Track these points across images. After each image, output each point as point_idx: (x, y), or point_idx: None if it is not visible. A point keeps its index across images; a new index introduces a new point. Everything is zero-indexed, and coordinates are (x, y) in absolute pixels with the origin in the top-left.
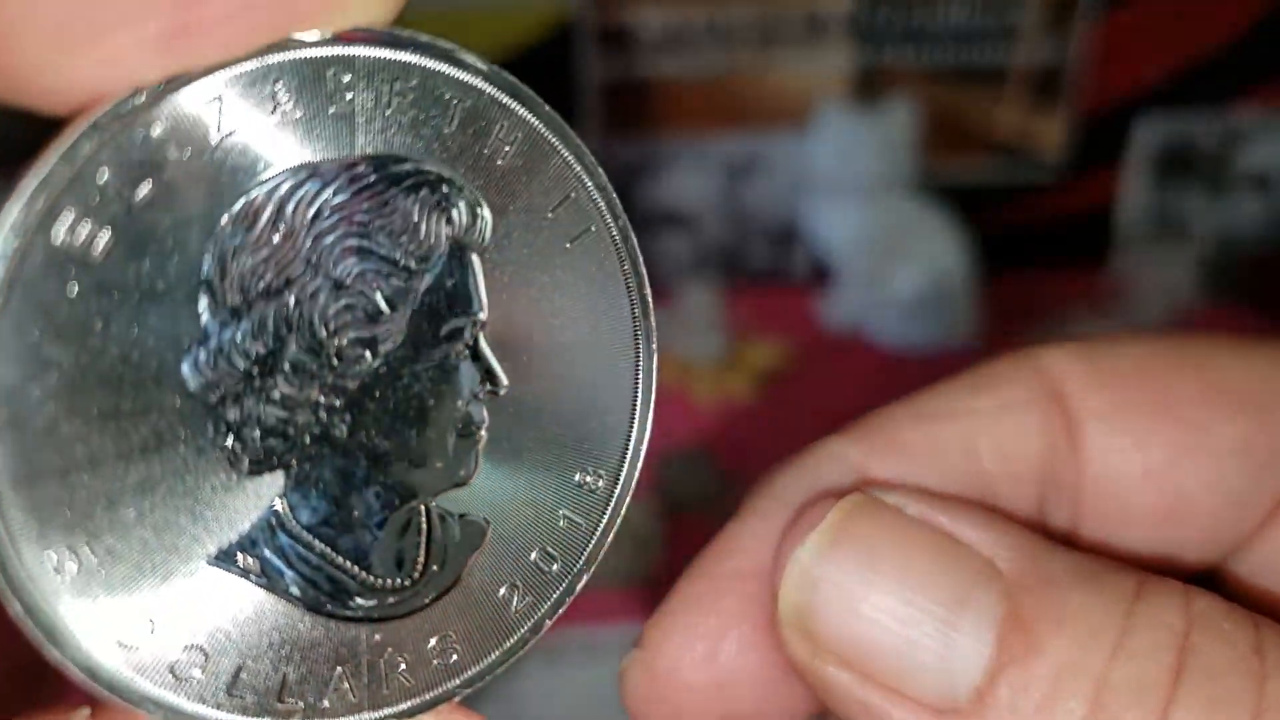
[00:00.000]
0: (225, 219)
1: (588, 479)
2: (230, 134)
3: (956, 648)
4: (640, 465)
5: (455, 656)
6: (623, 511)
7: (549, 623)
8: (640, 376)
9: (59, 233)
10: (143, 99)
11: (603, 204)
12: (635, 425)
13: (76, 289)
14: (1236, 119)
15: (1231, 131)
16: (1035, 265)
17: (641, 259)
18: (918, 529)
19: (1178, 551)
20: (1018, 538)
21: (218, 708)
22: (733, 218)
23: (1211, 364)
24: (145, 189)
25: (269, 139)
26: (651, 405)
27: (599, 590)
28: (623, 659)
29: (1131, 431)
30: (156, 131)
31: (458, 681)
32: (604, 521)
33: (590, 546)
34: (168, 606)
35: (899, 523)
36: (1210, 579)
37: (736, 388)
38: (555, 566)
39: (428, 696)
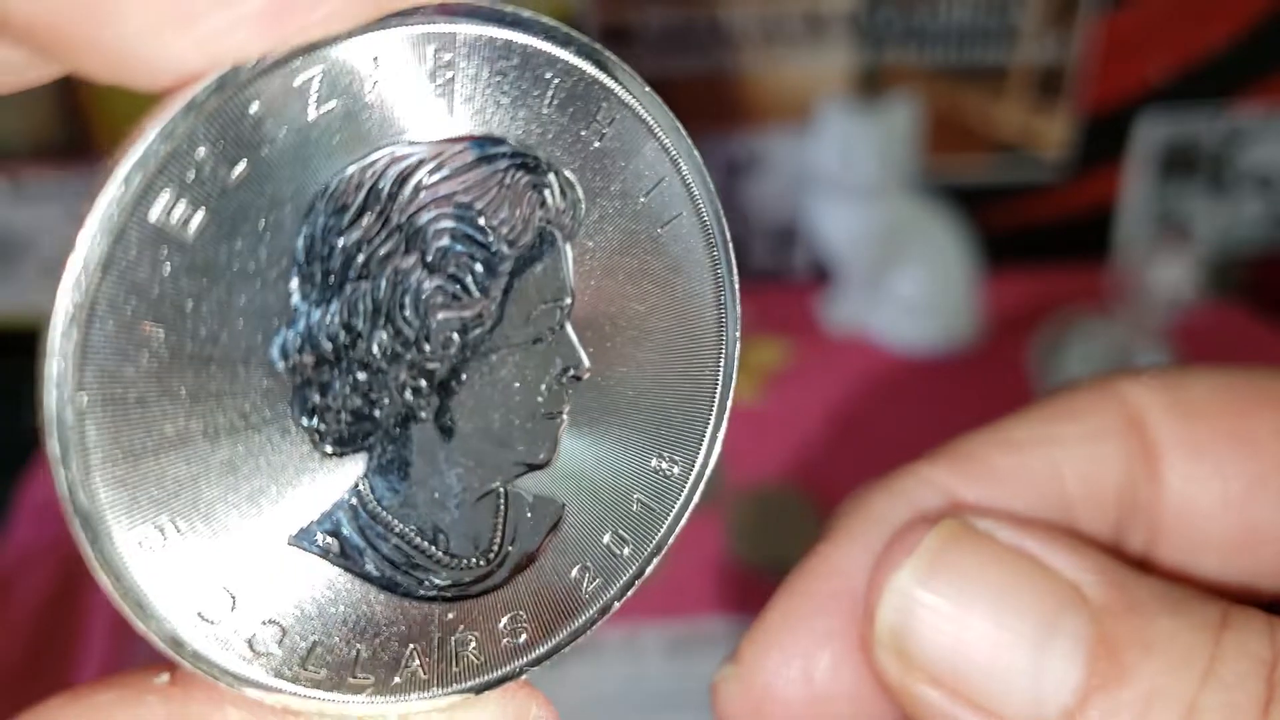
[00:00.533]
0: (319, 198)
1: (663, 464)
2: (328, 111)
3: (1047, 671)
4: (716, 453)
5: (525, 636)
6: (695, 498)
7: (618, 605)
8: (723, 365)
9: (154, 211)
10: (241, 76)
11: (697, 189)
12: (714, 413)
13: (169, 268)
14: (1239, 118)
15: (1234, 131)
16: (1037, 265)
17: (732, 246)
18: (1009, 555)
19: (1252, 580)
20: (1104, 564)
21: (293, 681)
22: (733, 217)
23: None
24: (241, 167)
25: (366, 117)
26: (731, 393)
27: None
28: (715, 674)
29: (1211, 461)
30: (253, 109)
31: (525, 660)
32: (677, 507)
33: (662, 531)
34: (249, 583)
35: (992, 549)
36: None
37: (737, 388)
38: (627, 550)
39: (495, 674)
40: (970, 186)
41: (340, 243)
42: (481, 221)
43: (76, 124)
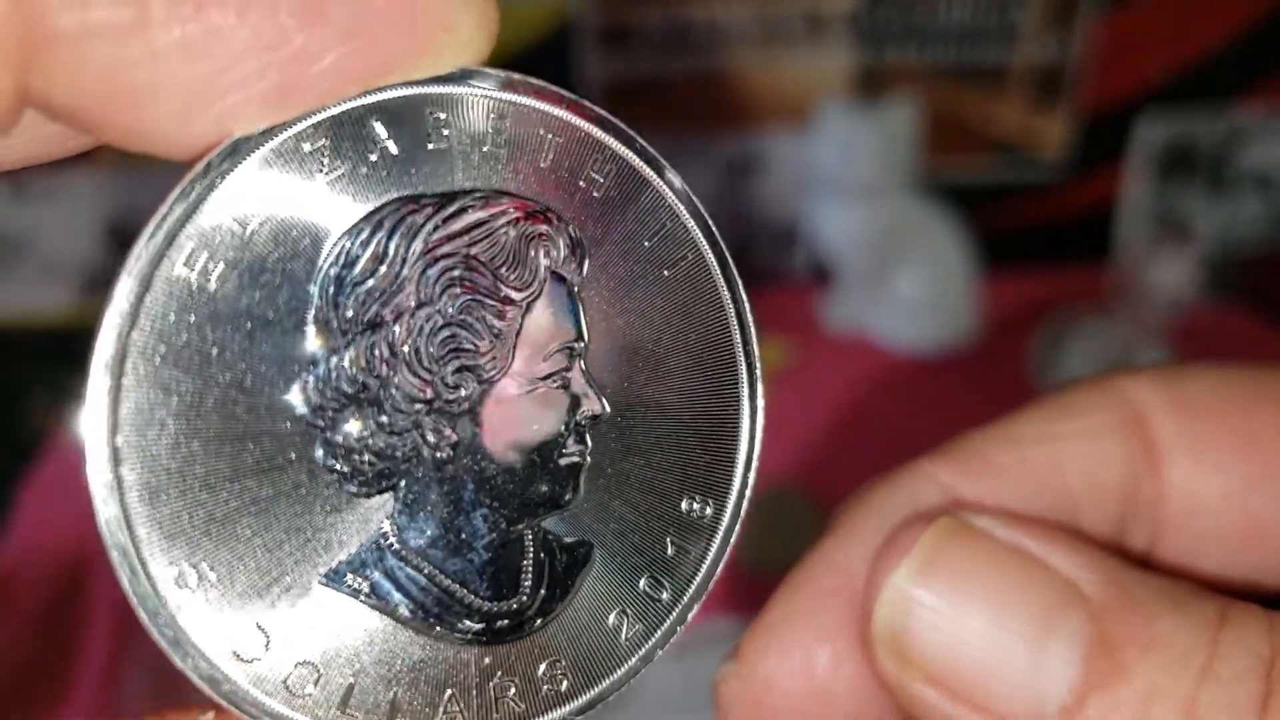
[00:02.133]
0: (331, 252)
1: (695, 506)
2: (334, 171)
3: (1045, 669)
4: (750, 494)
5: (566, 684)
6: (733, 540)
7: (660, 653)
8: (748, 403)
9: (177, 266)
10: (252, 143)
11: (699, 232)
12: (744, 452)
13: (194, 318)
14: (1239, 118)
15: (1233, 131)
16: (1036, 265)
17: (741, 285)
18: (1006, 553)
19: (1254, 576)
20: (1102, 562)
21: None
22: (733, 217)
23: None
24: (255, 224)
25: (371, 175)
26: (760, 433)
27: None
28: (717, 672)
29: (1212, 458)
30: (265, 171)
31: (569, 709)
32: (714, 550)
33: (701, 575)
34: (281, 623)
35: (989, 547)
36: None
37: None
38: (665, 595)
39: None
40: (970, 186)
41: (354, 293)
42: (489, 271)
43: None
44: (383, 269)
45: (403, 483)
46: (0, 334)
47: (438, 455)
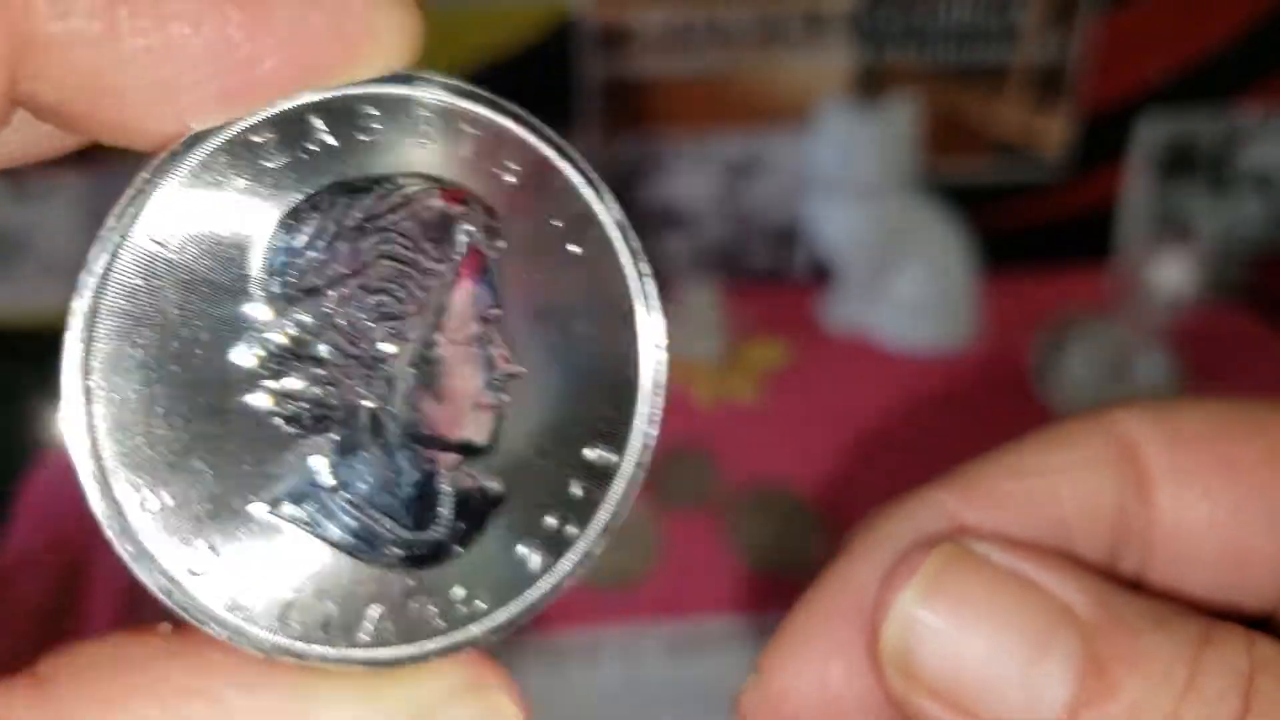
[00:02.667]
0: (275, 228)
1: (600, 454)
2: (280, 159)
3: (1040, 686)
4: (651, 446)
5: (479, 604)
6: (636, 485)
7: (567, 584)
8: (646, 363)
9: (144, 235)
10: (209, 134)
11: (602, 212)
12: (646, 410)
13: (157, 282)
14: (1239, 118)
15: (1234, 130)
16: (1037, 265)
17: (645, 258)
18: (1004, 577)
19: (1238, 597)
20: (1093, 584)
21: (270, 631)
22: (733, 218)
23: (1275, 427)
24: (211, 203)
25: (311, 163)
26: (662, 389)
27: (599, 590)
28: (742, 686)
29: (1198, 486)
30: (220, 159)
31: (483, 629)
32: (618, 493)
33: (605, 515)
34: (229, 544)
35: (988, 571)
36: (1267, 624)
37: (736, 388)
38: (569, 529)
39: (456, 638)
40: (970, 186)
41: (294, 263)
42: (414, 245)
43: None
44: (320, 243)
45: (336, 427)
46: (0, 334)
47: (368, 405)
